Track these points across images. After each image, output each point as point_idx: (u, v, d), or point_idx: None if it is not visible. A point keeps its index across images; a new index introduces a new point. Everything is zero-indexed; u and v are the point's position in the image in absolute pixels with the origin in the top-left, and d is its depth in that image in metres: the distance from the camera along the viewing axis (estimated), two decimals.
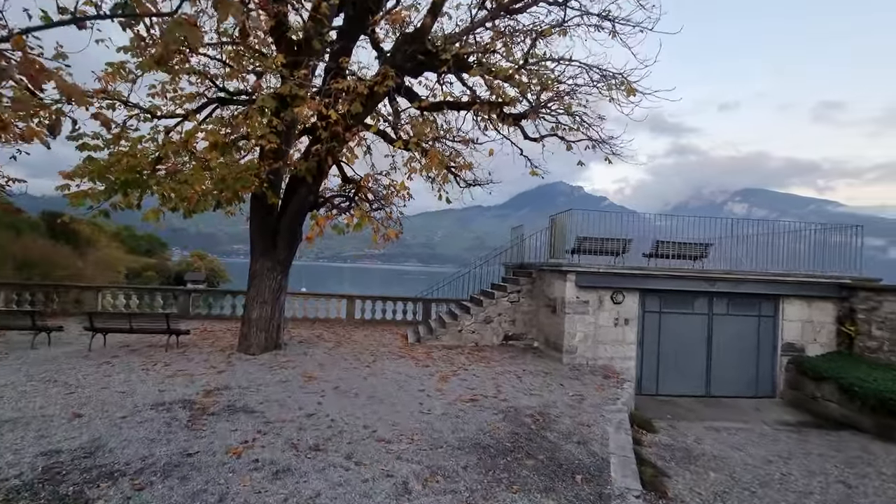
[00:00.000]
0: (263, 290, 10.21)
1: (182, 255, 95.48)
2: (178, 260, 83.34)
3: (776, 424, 9.88)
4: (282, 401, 7.00)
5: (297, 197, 10.05)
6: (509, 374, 9.69)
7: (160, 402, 6.69)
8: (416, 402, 7.36)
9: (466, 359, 11.09)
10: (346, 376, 8.72)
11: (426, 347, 12.24)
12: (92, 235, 67.89)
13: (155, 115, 8.49)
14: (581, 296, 11.21)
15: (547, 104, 10.68)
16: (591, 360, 11.19)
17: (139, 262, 63.23)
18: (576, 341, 11.16)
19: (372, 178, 12.33)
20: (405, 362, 10.29)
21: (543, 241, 14.04)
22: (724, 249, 12.86)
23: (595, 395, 8.45)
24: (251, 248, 10.40)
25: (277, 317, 10.49)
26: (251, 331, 10.15)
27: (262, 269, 10.23)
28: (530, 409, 7.34)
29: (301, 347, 11.18)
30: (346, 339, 12.77)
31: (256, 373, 8.57)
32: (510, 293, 13.21)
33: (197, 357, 9.65)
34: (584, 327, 11.20)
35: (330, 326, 15.11)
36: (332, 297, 16.78)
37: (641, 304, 11.48)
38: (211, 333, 12.71)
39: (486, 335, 13.06)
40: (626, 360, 11.30)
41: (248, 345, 10.12)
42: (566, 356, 11.10)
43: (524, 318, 13.25)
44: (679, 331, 11.63)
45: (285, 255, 10.36)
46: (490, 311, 13.08)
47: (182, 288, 15.51)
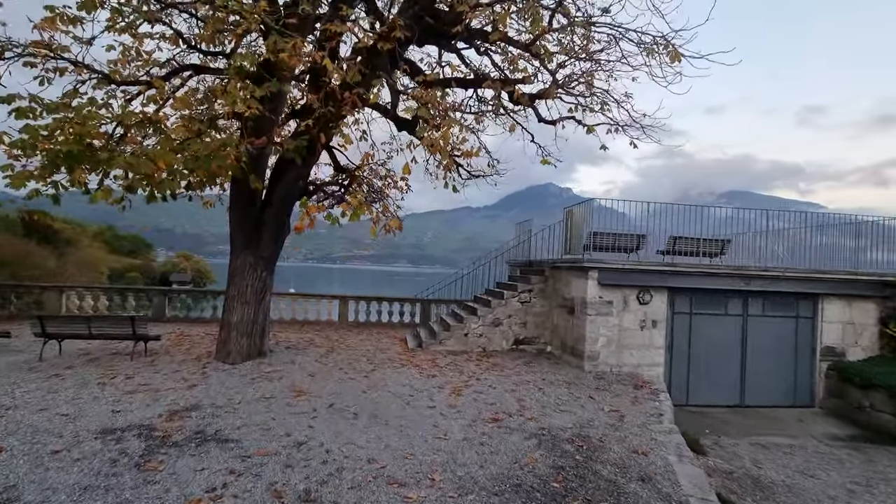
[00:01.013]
0: (245, 290, 8.86)
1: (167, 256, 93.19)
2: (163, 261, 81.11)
3: (826, 439, 8.78)
4: (264, 424, 5.68)
5: (284, 182, 8.72)
6: (528, 385, 8.46)
7: (110, 428, 5.33)
8: (429, 423, 6.08)
9: (476, 366, 9.84)
10: (341, 390, 7.41)
11: (429, 353, 10.96)
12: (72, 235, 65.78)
13: (114, 81, 7.12)
14: (604, 295, 10.02)
15: (568, 80, 9.48)
16: (616, 368, 10.00)
17: (122, 263, 61.08)
18: (598, 346, 9.96)
19: (367, 167, 11.08)
20: (408, 371, 9.01)
21: (557, 235, 12.85)
22: (748, 244, 11.79)
23: (634, 411, 7.24)
24: (231, 242, 9.04)
25: (261, 320, 9.15)
26: (231, 336, 8.79)
27: (243, 265, 8.88)
28: (566, 430, 6.11)
29: (289, 354, 9.83)
30: (340, 345, 11.45)
31: (235, 386, 7.22)
32: (521, 293, 11.99)
33: (167, 367, 8.28)
34: (607, 330, 10.01)
35: (321, 329, 13.76)
36: (323, 297, 15.43)
37: (670, 304, 10.32)
38: (187, 338, 11.30)
39: (495, 339, 11.83)
40: (654, 367, 10.13)
41: (227, 352, 8.76)
42: (588, 363, 9.90)
43: (536, 321, 12.04)
44: (711, 334, 10.49)
45: (270, 249, 9.02)
46: (499, 312, 11.85)
47: (157, 288, 14.08)
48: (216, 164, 6.80)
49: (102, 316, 10.17)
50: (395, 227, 8.29)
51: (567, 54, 8.62)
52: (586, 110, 10.10)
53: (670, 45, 7.25)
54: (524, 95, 9.69)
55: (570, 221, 11.48)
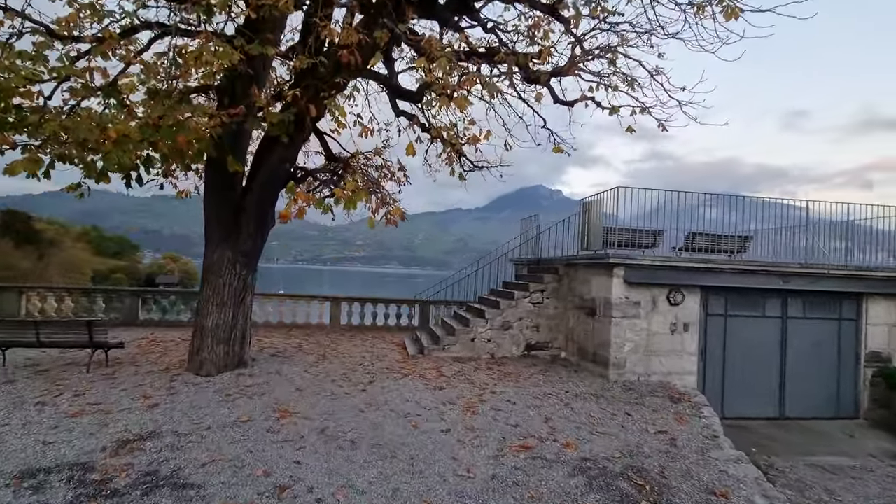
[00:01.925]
0: (222, 290, 7.61)
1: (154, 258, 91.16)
2: (149, 262, 79.15)
3: (887, 458, 7.75)
4: (238, 459, 4.46)
5: (267, 164, 7.49)
6: (552, 399, 7.30)
7: (32, 468, 4.07)
8: (446, 453, 4.90)
9: (487, 376, 8.67)
10: (334, 408, 6.20)
11: (433, 361, 9.77)
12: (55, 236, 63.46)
13: (59, 37, 5.85)
14: (630, 295, 8.91)
15: (592, 53, 8.38)
16: (644, 377, 8.89)
17: (107, 265, 59.07)
18: (624, 352, 8.85)
19: (362, 156, 9.91)
20: (411, 383, 7.82)
21: (570, 230, 11.75)
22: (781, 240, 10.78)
23: (683, 432, 6.12)
24: (206, 235, 7.79)
25: (241, 324, 7.90)
26: (205, 344, 7.54)
27: (220, 261, 7.63)
28: (614, 460, 4.96)
29: (274, 363, 8.59)
30: (332, 351, 10.22)
31: (206, 406, 5.98)
32: (532, 293, 10.85)
33: (127, 381, 7.00)
34: (634, 335, 8.90)
35: (311, 334, 12.50)
36: (313, 298, 14.16)
37: (703, 305, 9.23)
38: (159, 345, 10.00)
39: (505, 344, 10.67)
40: (686, 376, 9.04)
41: (199, 362, 7.50)
42: (612, 371, 8.78)
43: (549, 324, 10.90)
44: (748, 338, 9.42)
45: (252, 242, 7.78)
46: (509, 314, 10.70)
47: (128, 289, 12.73)
48: (183, 137, 5.58)
49: (54, 320, 8.85)
50: (397, 216, 7.10)
51: (595, 17, 7.49)
52: (609, 89, 9.01)
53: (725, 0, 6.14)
54: (542, 74, 8.58)
55: (588, 214, 10.37)
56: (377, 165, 10.65)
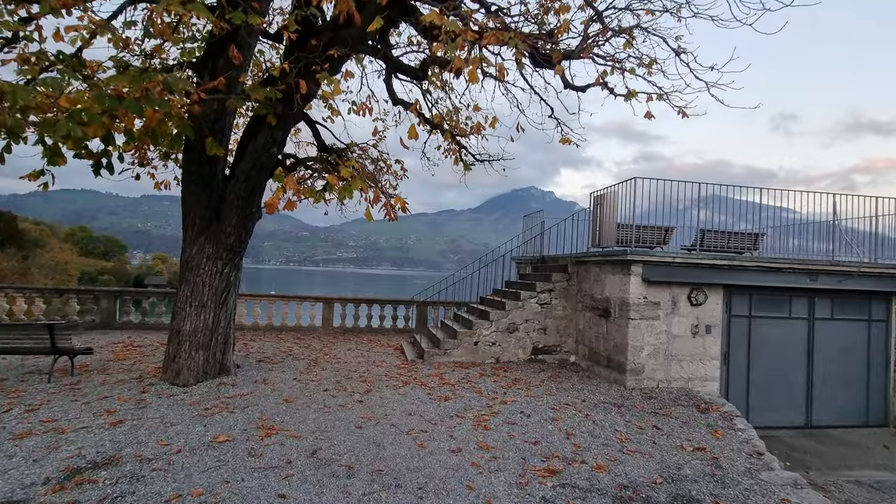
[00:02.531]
0: (201, 289, 6.81)
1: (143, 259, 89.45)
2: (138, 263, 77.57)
3: None
4: (210, 492, 3.68)
5: (252, 148, 6.70)
6: (570, 410, 6.59)
7: None
8: (460, 480, 4.16)
9: (495, 383, 7.94)
10: (327, 424, 5.43)
11: (434, 366, 9.02)
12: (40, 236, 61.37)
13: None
14: (649, 295, 8.23)
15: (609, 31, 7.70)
16: (663, 383, 8.21)
17: (95, 266, 57.68)
18: (643, 357, 8.16)
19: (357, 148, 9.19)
20: (413, 392, 7.06)
21: (577, 227, 11.08)
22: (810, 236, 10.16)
23: (723, 449, 5.42)
24: (184, 227, 6.99)
25: (223, 327, 7.10)
26: (182, 349, 6.73)
27: (199, 257, 6.83)
28: (656, 486, 4.25)
29: (260, 370, 7.80)
30: (325, 356, 9.43)
31: (180, 422, 5.19)
32: (539, 293, 10.14)
33: (92, 393, 6.18)
34: (653, 338, 8.22)
35: (302, 337, 11.71)
36: (304, 299, 13.36)
37: (726, 305, 8.57)
38: (135, 350, 9.17)
39: (510, 348, 9.95)
40: (708, 382, 8.37)
41: (176, 370, 6.69)
42: (630, 377, 8.08)
43: (557, 326, 10.20)
44: (773, 341, 8.78)
45: (235, 236, 6.98)
46: (515, 316, 9.98)
47: (105, 289, 11.85)
48: (152, 112, 4.80)
49: (10, 324, 7.99)
50: (398, 206, 6.33)
51: None
52: (625, 72, 8.35)
53: None
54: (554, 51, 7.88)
55: (600, 208, 9.68)
56: (373, 158, 9.93)
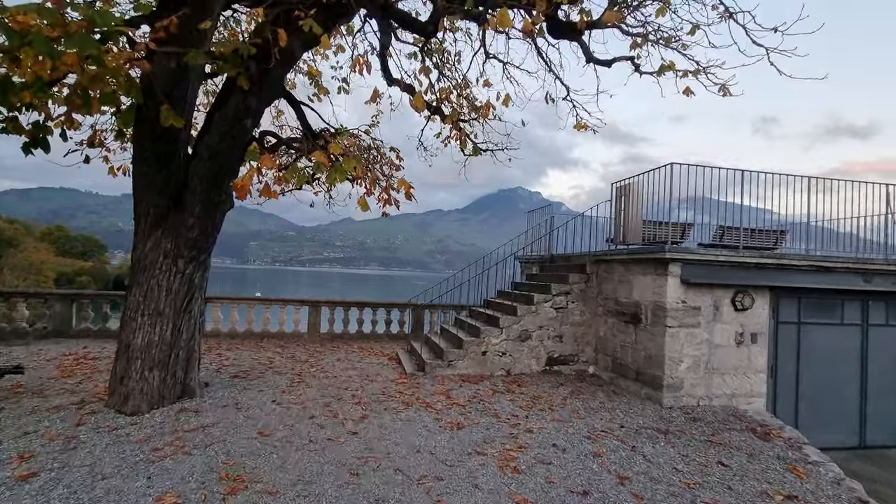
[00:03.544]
0: (157, 294, 5.50)
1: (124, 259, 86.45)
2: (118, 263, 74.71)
3: None
4: None
5: (220, 116, 5.41)
6: (609, 440, 5.43)
7: None
8: None
9: (512, 403, 6.76)
10: (313, 469, 4.18)
11: (437, 381, 7.81)
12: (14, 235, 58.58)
13: None
14: (689, 299, 7.12)
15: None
16: (705, 400, 7.11)
17: (72, 266, 55.15)
18: (681, 370, 7.05)
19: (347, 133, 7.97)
20: (418, 417, 5.85)
21: (595, 222, 9.96)
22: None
23: (817, 494, 4.31)
24: (135, 216, 5.66)
25: (186, 340, 5.79)
26: (132, 368, 5.42)
27: (154, 253, 5.52)
28: None
29: (233, 390, 6.51)
30: (311, 369, 8.16)
31: (114, 475, 3.89)
32: (555, 296, 8.99)
33: (11, 427, 4.84)
34: (693, 348, 7.11)
35: (285, 345, 10.41)
36: (288, 302, 12.03)
37: (773, 310, 7.51)
38: (87, 364, 7.80)
39: (522, 358, 8.78)
40: (753, 399, 7.30)
41: (123, 395, 5.38)
42: (668, 394, 6.97)
43: (574, 333, 9.06)
44: (823, 351, 7.74)
45: (200, 227, 5.67)
46: (527, 322, 8.81)
47: (59, 292, 10.40)
48: (80, 58, 3.52)
49: None
50: (402, 190, 5.09)
51: None
52: (660, 43, 7.27)
53: None
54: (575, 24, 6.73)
55: (624, 201, 8.57)
56: (366, 146, 8.73)
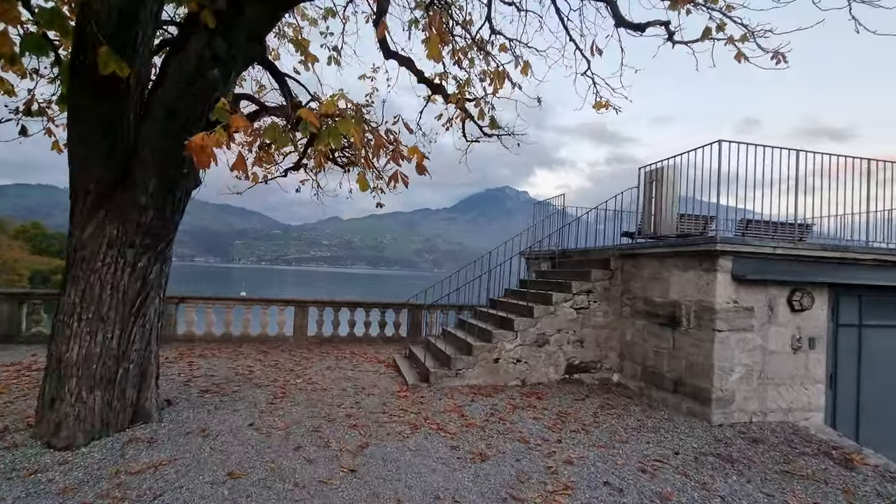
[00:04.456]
0: (99, 294, 4.31)
1: None
2: None
3: None
4: None
5: (179, 64, 4.20)
6: (669, 473, 4.38)
7: None
8: None
9: (536, 421, 5.70)
10: None
11: (445, 394, 6.70)
12: None
13: None
14: (741, 298, 6.11)
15: None
16: (759, 416, 6.12)
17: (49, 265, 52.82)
18: (732, 381, 6.04)
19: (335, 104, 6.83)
20: (429, 445, 4.74)
21: (610, 211, 8.97)
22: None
23: None
24: (71, 194, 4.45)
25: (139, 350, 4.60)
26: (64, 389, 4.22)
27: (96, 241, 4.32)
28: None
29: (200, 410, 5.32)
30: (297, 379, 7.00)
31: None
32: (576, 295, 7.94)
33: None
34: (746, 356, 6.10)
35: (268, 350, 9.21)
36: (272, 303, 10.83)
37: (832, 311, 6.54)
38: (29, 378, 6.55)
39: (539, 366, 7.71)
40: (811, 413, 6.33)
41: (54, 423, 4.17)
42: (717, 410, 5.95)
43: (597, 336, 8.03)
44: (886, 357, 6.80)
45: (156, 209, 4.47)
46: (545, 325, 7.75)
47: (5, 291, 9.00)
48: None
49: None
50: (413, 159, 3.97)
51: None
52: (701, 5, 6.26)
53: None
54: None
55: (655, 187, 7.55)
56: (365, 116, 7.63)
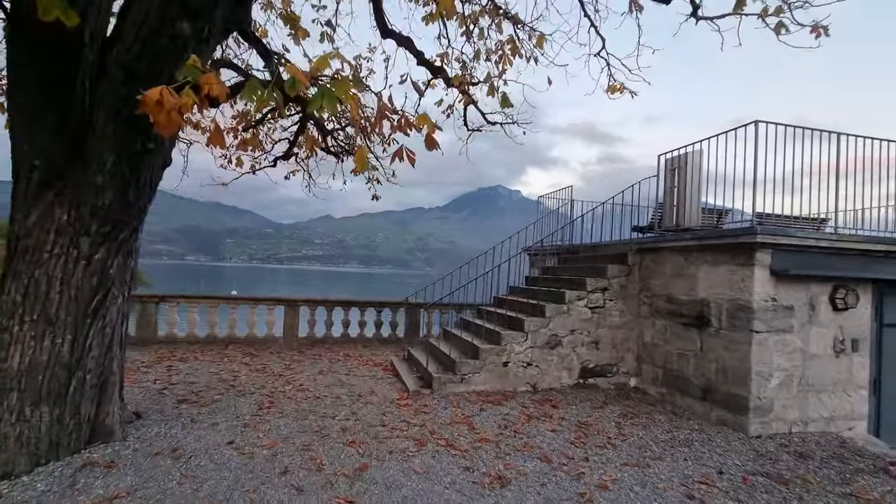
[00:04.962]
0: (47, 291, 3.60)
1: None
2: None
3: None
4: None
5: (140, 15, 3.49)
6: (717, 497, 3.77)
7: None
8: None
9: (555, 433, 5.07)
10: None
11: (451, 402, 6.04)
12: None
13: None
14: (781, 296, 5.51)
15: None
16: (798, 425, 5.53)
17: None
18: (771, 388, 5.44)
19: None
20: (439, 467, 4.08)
21: (618, 206, 8.37)
22: None
23: None
24: (13, 172, 3.73)
25: (97, 359, 3.89)
26: (4, 405, 3.50)
27: (42, 229, 3.61)
28: None
29: (174, 425, 4.62)
30: (286, 386, 6.30)
31: None
32: (591, 292, 7.31)
33: None
34: (785, 359, 5.51)
35: (256, 353, 8.51)
36: (260, 301, 10.11)
37: (876, 310, 5.97)
38: None
39: (551, 370, 7.08)
40: (853, 422, 5.76)
41: None
42: (755, 420, 5.35)
43: (613, 337, 7.41)
44: None
45: (115, 189, 3.76)
46: (557, 325, 7.12)
47: None
48: None
49: None
50: (426, 131, 3.31)
51: None
52: None
53: None
54: None
55: (677, 175, 6.94)
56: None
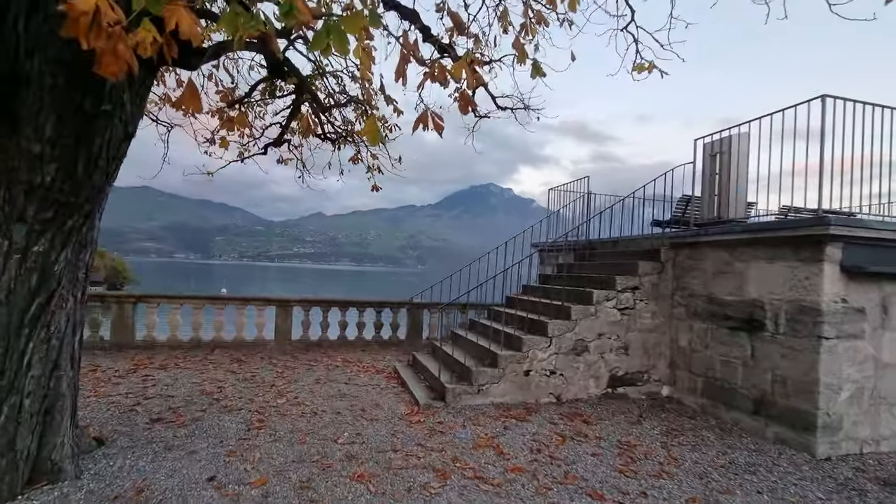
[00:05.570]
0: None
1: None
2: None
3: None
4: None
5: None
6: None
7: None
8: None
9: (598, 459, 4.31)
10: None
11: (469, 417, 5.27)
12: None
13: None
14: (852, 297, 4.79)
15: None
16: (870, 445, 4.83)
17: None
18: (841, 402, 4.73)
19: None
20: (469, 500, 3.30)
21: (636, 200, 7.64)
22: None
23: None
24: None
25: (39, 379, 3.07)
26: None
27: None
28: None
29: (142, 454, 3.79)
30: (278, 399, 5.48)
31: None
32: (620, 292, 6.57)
33: None
34: (855, 369, 4.80)
35: (245, 358, 7.67)
36: (250, 302, 9.25)
37: None
38: None
39: (577, 378, 6.33)
40: None
41: None
42: (823, 439, 4.64)
43: (643, 341, 6.68)
44: None
45: (60, 161, 2.93)
46: (583, 329, 6.36)
47: None
48: None
49: None
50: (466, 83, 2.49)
51: None
52: None
53: None
54: None
55: (720, 161, 6.20)
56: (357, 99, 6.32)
